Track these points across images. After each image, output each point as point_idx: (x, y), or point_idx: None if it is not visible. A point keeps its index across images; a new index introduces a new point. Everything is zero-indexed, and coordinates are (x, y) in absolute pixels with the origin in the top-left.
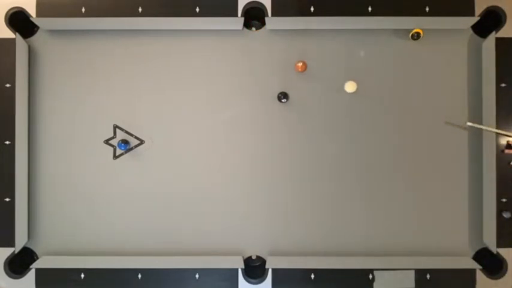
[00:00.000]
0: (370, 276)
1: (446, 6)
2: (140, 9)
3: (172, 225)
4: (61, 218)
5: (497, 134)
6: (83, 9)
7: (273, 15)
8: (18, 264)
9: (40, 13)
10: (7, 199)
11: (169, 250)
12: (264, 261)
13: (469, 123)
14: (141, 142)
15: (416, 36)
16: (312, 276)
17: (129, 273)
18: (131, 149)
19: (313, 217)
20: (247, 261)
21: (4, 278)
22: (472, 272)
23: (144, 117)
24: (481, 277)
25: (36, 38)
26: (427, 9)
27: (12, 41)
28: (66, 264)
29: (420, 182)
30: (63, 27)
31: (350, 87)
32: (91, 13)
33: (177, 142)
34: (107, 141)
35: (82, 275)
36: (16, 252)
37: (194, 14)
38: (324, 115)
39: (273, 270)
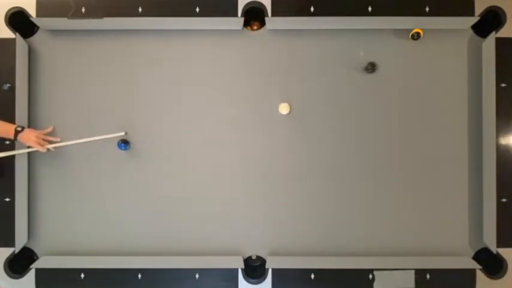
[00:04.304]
0: (370, 276)
1: (446, 6)
2: (140, 9)
3: (172, 225)
4: (61, 218)
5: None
6: (83, 9)
7: (273, 15)
8: (18, 264)
9: (40, 13)
10: (7, 199)
11: (169, 250)
12: (264, 261)
13: None
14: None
15: (416, 36)
16: (312, 276)
17: (129, 273)
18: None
19: (313, 217)
20: (247, 261)
21: (4, 278)
22: (472, 272)
23: (144, 117)
24: (481, 277)
25: (36, 38)
26: (427, 9)
27: (12, 41)
28: (66, 264)
29: (420, 182)
30: (63, 27)
31: (283, 109)
32: (91, 13)
33: (176, 142)
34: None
35: (82, 275)
36: (16, 252)
37: (194, 14)
38: (324, 115)
39: (273, 270)
